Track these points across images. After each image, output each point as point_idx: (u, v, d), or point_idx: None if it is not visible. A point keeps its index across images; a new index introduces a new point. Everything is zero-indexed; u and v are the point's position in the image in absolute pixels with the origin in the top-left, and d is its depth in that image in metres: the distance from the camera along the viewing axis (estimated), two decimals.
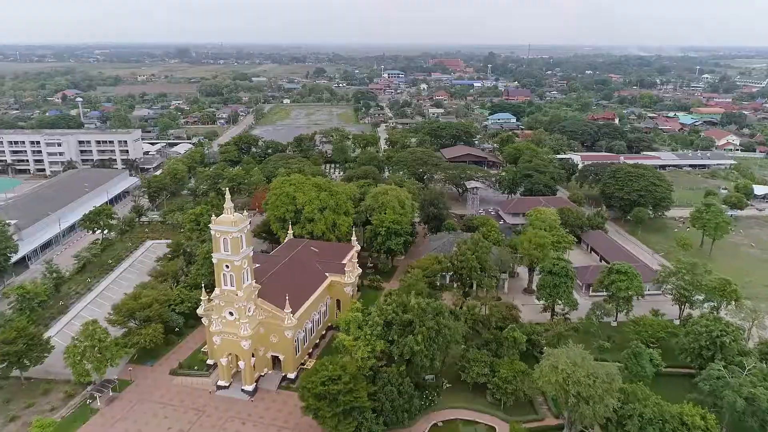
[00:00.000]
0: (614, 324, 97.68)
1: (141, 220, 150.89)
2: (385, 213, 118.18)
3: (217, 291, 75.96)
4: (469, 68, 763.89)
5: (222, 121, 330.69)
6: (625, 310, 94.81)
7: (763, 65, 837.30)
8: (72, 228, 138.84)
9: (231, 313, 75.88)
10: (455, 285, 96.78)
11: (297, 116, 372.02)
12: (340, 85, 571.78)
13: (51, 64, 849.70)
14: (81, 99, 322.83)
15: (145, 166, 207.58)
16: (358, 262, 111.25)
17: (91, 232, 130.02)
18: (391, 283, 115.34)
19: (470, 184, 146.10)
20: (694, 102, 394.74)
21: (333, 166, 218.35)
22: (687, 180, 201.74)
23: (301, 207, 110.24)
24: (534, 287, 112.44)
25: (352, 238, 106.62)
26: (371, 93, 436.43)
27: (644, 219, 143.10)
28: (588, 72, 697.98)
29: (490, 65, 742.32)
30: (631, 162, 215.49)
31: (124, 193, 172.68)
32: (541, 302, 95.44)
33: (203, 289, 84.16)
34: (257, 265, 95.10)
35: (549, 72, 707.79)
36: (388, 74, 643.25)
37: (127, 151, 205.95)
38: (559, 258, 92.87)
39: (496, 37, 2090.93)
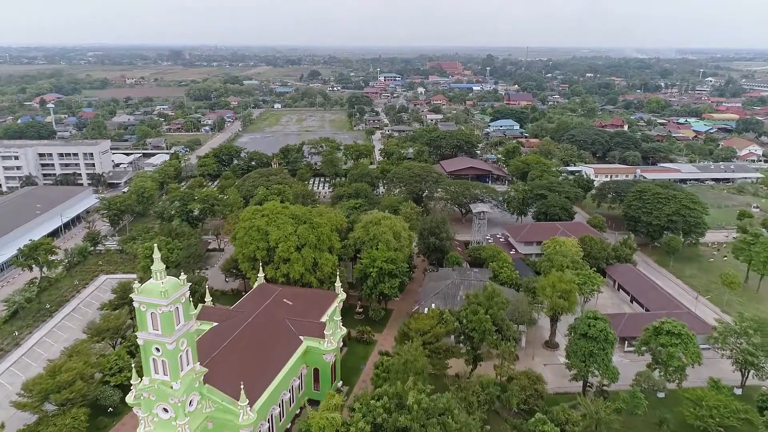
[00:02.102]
0: (662, 395, 78.34)
1: (97, 248, 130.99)
2: (377, 248, 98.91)
3: (146, 381, 56.23)
4: (467, 71, 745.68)
5: (207, 127, 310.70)
6: (677, 381, 75.52)
7: (766, 68, 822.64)
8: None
9: (165, 410, 56.19)
10: (463, 347, 77.31)
11: (287, 122, 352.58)
12: (335, 88, 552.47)
13: (40, 66, 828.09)
14: (53, 104, 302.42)
15: (114, 181, 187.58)
16: (345, 305, 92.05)
17: (28, 269, 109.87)
18: (384, 334, 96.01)
19: (476, 208, 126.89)
20: (704, 107, 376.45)
21: (322, 179, 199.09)
22: (712, 196, 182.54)
23: (275, 245, 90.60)
24: (557, 340, 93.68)
25: (336, 285, 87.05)
26: (366, 97, 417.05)
27: (678, 248, 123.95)
28: (589, 75, 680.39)
29: (488, 68, 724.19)
30: (649, 176, 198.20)
31: (85, 215, 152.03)
32: (573, 371, 75.88)
33: (133, 364, 64.43)
34: (215, 324, 76.07)
35: (549, 75, 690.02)
36: (384, 77, 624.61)
37: (93, 165, 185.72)
38: (595, 317, 73.43)
39: (493, 39, 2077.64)
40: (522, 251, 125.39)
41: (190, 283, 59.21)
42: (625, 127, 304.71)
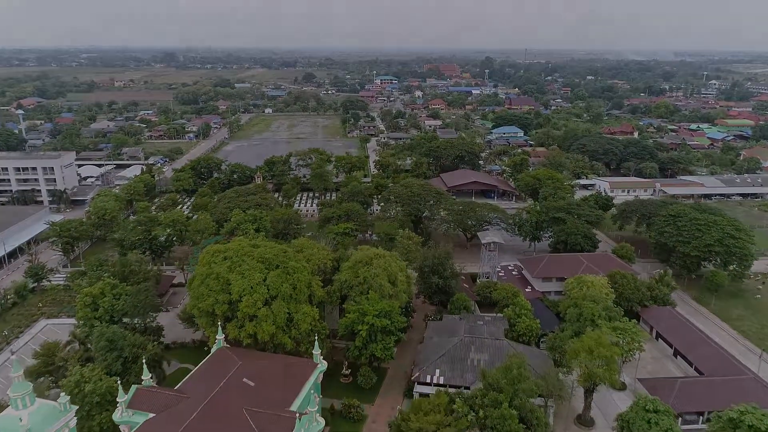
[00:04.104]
0: None
1: (43, 284, 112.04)
2: (367, 295, 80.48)
3: None
4: (466, 73, 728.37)
5: (191, 134, 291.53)
6: None
7: (767, 70, 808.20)
8: None
9: None
10: None
11: (278, 128, 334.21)
12: (330, 91, 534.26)
13: (29, 69, 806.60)
14: (23, 111, 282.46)
15: (79, 198, 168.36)
16: (330, 361, 73.72)
17: None
18: (377, 405, 77.44)
19: (485, 237, 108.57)
20: (716, 112, 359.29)
21: (310, 194, 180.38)
22: (742, 214, 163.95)
23: (238, 298, 71.98)
24: (592, 415, 75.27)
25: (314, 353, 68.40)
26: (361, 101, 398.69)
27: (722, 285, 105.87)
28: (589, 78, 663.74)
29: (487, 70, 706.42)
30: (670, 190, 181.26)
31: (26, 245, 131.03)
32: None
33: None
34: (150, 416, 57.53)
35: (549, 78, 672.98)
36: (381, 80, 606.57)
37: (54, 180, 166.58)
38: (655, 408, 55.19)
39: (491, 41, 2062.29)
40: (539, 288, 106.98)
41: (76, 407, 40.44)
42: (635, 134, 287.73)
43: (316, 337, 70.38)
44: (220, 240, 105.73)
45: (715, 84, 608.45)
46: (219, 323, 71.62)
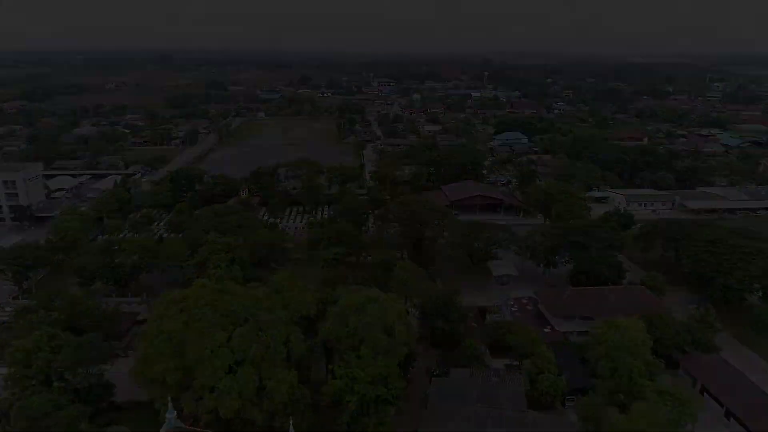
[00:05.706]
0: None
1: None
2: (357, 352, 65.80)
3: None
4: (464, 75, 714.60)
5: (177, 140, 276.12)
6: None
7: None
8: None
9: None
10: None
11: (270, 134, 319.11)
12: (326, 94, 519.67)
13: (20, 71, 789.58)
14: None
15: (46, 214, 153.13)
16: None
17: None
18: None
19: (497, 269, 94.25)
20: (726, 116, 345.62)
21: (300, 208, 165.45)
22: None
23: (195, 364, 57.23)
24: None
25: None
26: (358, 105, 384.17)
27: None
28: (590, 80, 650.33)
29: (486, 72, 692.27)
30: (691, 204, 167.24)
31: None
32: None
33: None
34: None
35: (549, 80, 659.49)
36: (378, 82, 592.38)
37: (16, 195, 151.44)
38: None
39: (489, 42, 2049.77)
40: (559, 327, 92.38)
41: None
42: (645, 140, 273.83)
43: (291, 421, 55.32)
44: (188, 273, 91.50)
45: (718, 87, 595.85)
46: (169, 397, 56.75)
